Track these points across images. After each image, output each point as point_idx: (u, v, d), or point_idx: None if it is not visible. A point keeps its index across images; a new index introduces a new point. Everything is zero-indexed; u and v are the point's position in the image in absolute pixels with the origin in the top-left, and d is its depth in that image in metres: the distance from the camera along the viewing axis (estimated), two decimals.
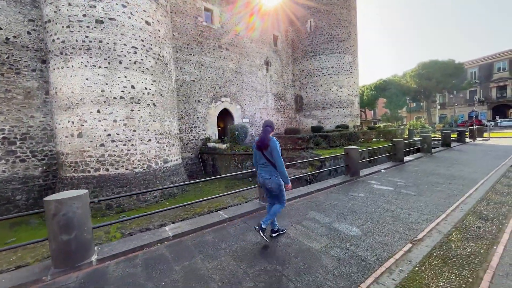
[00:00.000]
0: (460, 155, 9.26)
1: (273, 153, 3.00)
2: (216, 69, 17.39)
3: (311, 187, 5.38)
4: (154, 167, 10.58)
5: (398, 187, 5.34)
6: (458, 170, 6.63)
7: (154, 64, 10.67)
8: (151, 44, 10.56)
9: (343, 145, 11.99)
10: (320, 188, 5.33)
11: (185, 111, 15.75)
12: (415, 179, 5.88)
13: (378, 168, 6.98)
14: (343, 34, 21.80)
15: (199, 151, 16.20)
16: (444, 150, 10.54)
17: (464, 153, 9.77)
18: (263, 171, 3.15)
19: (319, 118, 22.50)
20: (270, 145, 3.01)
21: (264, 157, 3.11)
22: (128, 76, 9.70)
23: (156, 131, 10.69)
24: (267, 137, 3.06)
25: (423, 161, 8.27)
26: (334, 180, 5.86)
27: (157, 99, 10.80)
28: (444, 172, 6.51)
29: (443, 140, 10.95)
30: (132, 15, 9.82)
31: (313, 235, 3.33)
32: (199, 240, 3.39)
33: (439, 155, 9.34)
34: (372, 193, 5.02)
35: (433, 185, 5.37)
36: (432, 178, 5.95)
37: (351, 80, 22.39)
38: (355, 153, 5.90)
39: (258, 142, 3.14)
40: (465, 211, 3.88)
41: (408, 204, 4.33)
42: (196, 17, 16.27)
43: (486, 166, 7.09)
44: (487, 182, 5.43)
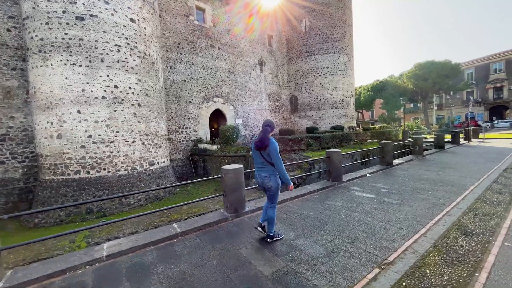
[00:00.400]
0: (452, 158, 8.93)
1: (272, 154, 2.95)
2: (208, 69, 17.06)
3: (285, 194, 4.98)
4: (139, 169, 10.21)
5: (380, 194, 4.96)
6: (448, 175, 6.28)
7: (139, 63, 10.32)
8: (136, 42, 10.21)
9: (335, 146, 11.68)
10: (296, 195, 4.92)
11: (176, 111, 15.39)
12: (400, 185, 5.52)
13: (364, 172, 6.62)
14: (338, 34, 21.55)
15: (190, 153, 15.83)
16: (436, 153, 10.23)
17: (457, 156, 9.42)
18: (262, 171, 3.11)
19: (314, 119, 22.20)
20: (269, 146, 2.96)
21: (262, 157, 3.06)
22: (110, 75, 9.34)
23: (141, 132, 10.33)
24: (266, 137, 3.00)
25: (413, 164, 7.93)
26: (313, 186, 5.50)
27: (143, 99, 10.44)
28: (433, 177, 6.15)
29: (436, 142, 10.62)
30: (116, 12, 9.48)
31: (268, 256, 2.87)
32: (136, 261, 2.91)
33: (431, 158, 9.03)
34: (350, 202, 4.62)
35: (419, 192, 5.00)
36: (419, 183, 5.59)
37: (347, 80, 22.14)
38: (337, 156, 5.52)
39: (257, 142, 3.06)
40: (448, 225, 3.49)
41: (387, 215, 3.94)
42: (188, 16, 15.95)
43: (478, 170, 6.75)
44: (477, 189, 5.08)
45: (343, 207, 4.36)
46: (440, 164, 7.83)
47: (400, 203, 4.44)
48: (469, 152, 10.34)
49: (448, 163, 7.86)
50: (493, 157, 8.76)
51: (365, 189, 5.35)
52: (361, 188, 5.40)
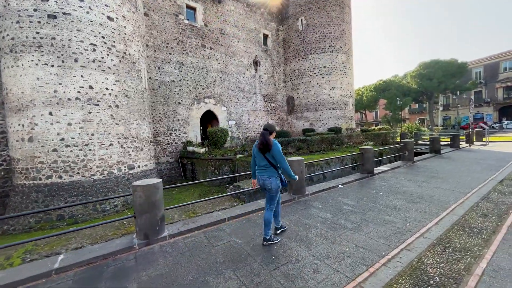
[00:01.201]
0: (445, 165, 8.02)
1: (276, 154, 3.07)
2: (199, 69, 16.62)
3: (227, 213, 4.21)
4: (117, 173, 9.79)
5: (339, 213, 4.13)
6: (432, 187, 5.42)
7: (117, 63, 9.92)
8: (115, 41, 9.81)
9: (325, 150, 11.01)
10: (240, 213, 4.05)
11: (164, 113, 14.99)
12: (369, 201, 4.65)
13: (336, 183, 5.80)
14: (336, 32, 20.82)
15: (179, 155, 15.40)
16: (430, 158, 9.35)
17: (452, 162, 8.51)
18: (264, 173, 3.17)
19: (311, 120, 21.50)
20: (273, 148, 3.06)
21: (265, 159, 3.13)
22: (85, 75, 8.96)
23: (119, 135, 9.91)
24: (266, 139, 3.08)
25: (397, 172, 7.03)
26: None
27: (121, 100, 10.03)
28: (413, 189, 5.29)
29: (431, 146, 9.75)
30: (91, 9, 9.10)
31: None
32: None
33: (421, 165, 8.11)
34: (297, 225, 3.77)
35: (387, 211, 4.13)
36: (393, 199, 4.72)
37: (345, 80, 21.36)
38: (299, 166, 4.65)
39: (260, 145, 3.15)
40: (402, 267, 2.59)
41: (330, 247, 3.09)
42: (177, 15, 15.56)
43: (470, 181, 5.86)
44: (460, 209, 4.18)
45: (283, 233, 3.53)
46: (429, 172, 6.92)
47: (356, 227, 3.59)
48: (467, 157, 9.40)
49: (438, 172, 6.97)
50: (492, 165, 7.79)
51: (326, 205, 4.51)
52: (322, 205, 4.57)
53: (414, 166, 7.94)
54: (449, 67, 32.08)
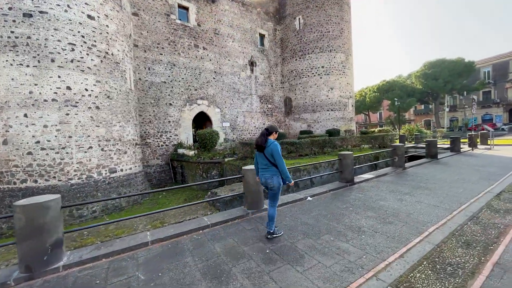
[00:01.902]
0: (438, 172, 7.05)
1: (274, 154, 3.17)
2: (191, 69, 16.26)
3: (179, 227, 3.63)
4: (96, 177, 9.43)
5: (289, 237, 3.26)
6: (414, 202, 4.52)
7: (98, 63, 9.60)
8: (95, 40, 9.50)
9: (316, 153, 10.39)
10: (178, 232, 3.38)
11: (154, 114, 14.65)
12: (332, 219, 3.80)
13: (306, 194, 4.92)
14: (335, 31, 20.19)
15: (170, 158, 15.02)
16: (424, 164, 8.41)
17: (447, 169, 7.54)
18: (266, 172, 3.29)
19: (308, 122, 20.87)
20: (270, 147, 3.19)
21: (266, 159, 3.26)
22: (62, 76, 8.65)
23: (100, 137, 9.57)
24: (262, 139, 3.25)
25: (382, 181, 6.15)
26: (214, 218, 3.89)
27: (102, 101, 9.70)
28: (391, 204, 4.41)
29: (427, 151, 8.95)
30: (70, 8, 8.81)
31: None
32: None
33: (412, 172, 7.17)
34: (228, 253, 2.92)
35: (347, 235, 3.26)
36: (361, 217, 3.84)
37: (344, 80, 20.67)
38: (253, 176, 3.84)
39: (255, 144, 3.34)
40: None
41: None
42: (169, 14, 15.26)
43: (461, 193, 4.94)
44: (438, 233, 3.22)
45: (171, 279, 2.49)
46: (417, 181, 6.03)
47: (297, 259, 2.69)
48: (466, 163, 8.45)
49: (428, 181, 6.09)
50: (492, 173, 6.78)
51: (279, 225, 3.60)
52: (276, 224, 3.49)
53: (404, 173, 7.02)
54: (455, 67, 30.93)
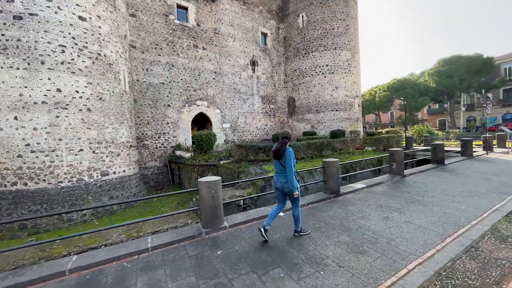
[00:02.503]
0: (441, 182, 6.11)
1: (286, 161, 3.30)
2: (190, 70, 16.04)
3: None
4: (87, 180, 9.31)
5: (223, 274, 2.59)
6: (402, 221, 3.72)
7: (90, 64, 9.49)
8: (87, 42, 9.40)
9: (313, 157, 9.79)
10: (108, 258, 2.91)
11: (152, 116, 14.53)
12: (294, 245, 3.15)
13: (265, 212, 4.12)
14: (340, 28, 19.38)
15: (168, 160, 14.86)
16: (428, 171, 7.42)
17: (452, 178, 6.48)
18: (281, 177, 3.41)
19: (312, 123, 20.17)
20: (284, 155, 3.30)
21: (280, 164, 3.38)
22: (52, 78, 8.58)
23: (91, 140, 9.45)
24: (283, 148, 3.34)
25: (373, 192, 5.36)
26: (159, 238, 3.39)
27: (94, 103, 9.59)
28: (373, 225, 3.63)
29: (433, 155, 8.02)
30: (60, 9, 8.73)
31: None
32: None
33: (411, 181, 6.27)
34: None
35: (302, 268, 2.61)
36: (331, 243, 3.13)
37: (350, 79, 19.81)
38: (210, 189, 3.39)
39: (274, 152, 3.42)
40: None
41: None
42: (167, 15, 15.11)
43: (463, 211, 4.05)
44: (419, 272, 2.47)
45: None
46: (413, 194, 5.13)
47: None
48: (477, 170, 7.32)
49: (426, 192, 5.19)
50: (506, 183, 5.69)
51: (227, 251, 3.06)
52: (222, 250, 3.10)
53: (401, 182, 6.12)
54: (472, 63, 29.08)
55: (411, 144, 13.33)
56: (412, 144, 13.27)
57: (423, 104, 32.04)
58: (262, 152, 9.75)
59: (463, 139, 9.24)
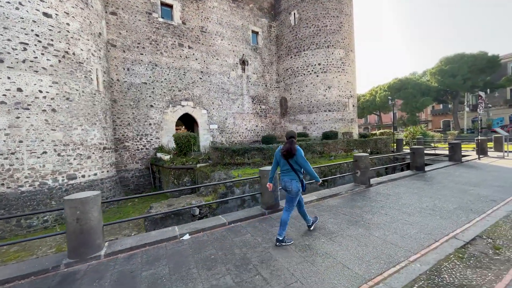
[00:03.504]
0: (408, 194, 5.18)
1: (300, 160, 3.30)
2: (175, 69, 15.57)
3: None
4: (51, 184, 8.88)
5: None
6: (322, 254, 2.86)
7: (56, 63, 9.07)
8: (52, 39, 8.99)
9: None
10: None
11: (133, 116, 14.09)
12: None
13: (184, 231, 3.53)
14: (333, 25, 18.64)
15: (150, 162, 14.39)
16: (401, 179, 6.50)
17: (424, 188, 5.60)
18: (286, 176, 3.42)
19: (304, 124, 19.45)
20: (296, 154, 3.30)
21: (288, 164, 3.39)
22: (13, 77, 8.18)
23: (56, 142, 9.02)
24: (293, 147, 3.31)
25: (320, 206, 4.61)
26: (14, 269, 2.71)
27: (60, 103, 9.16)
28: (282, 261, 2.74)
29: (412, 160, 7.17)
30: (22, 5, 8.33)
31: None
32: None
33: (374, 192, 5.36)
34: None
35: None
36: (206, 285, 2.34)
37: (343, 78, 19.03)
38: (74, 210, 2.71)
39: (284, 152, 3.37)
40: None
41: None
42: (150, 13, 14.68)
43: (412, 237, 3.21)
44: None
45: None
46: (367, 209, 4.30)
47: None
48: (457, 179, 6.33)
49: (382, 208, 4.31)
50: (483, 197, 4.79)
51: None
52: None
53: (362, 194, 5.25)
54: (476, 62, 27.84)
55: (402, 146, 12.46)
56: (402, 146, 12.41)
57: (425, 105, 30.88)
58: (237, 155, 9.13)
59: (451, 142, 8.36)
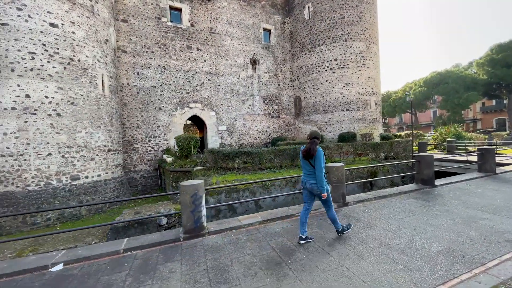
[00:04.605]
0: (389, 221, 3.82)
1: (316, 161, 3.28)
2: (183, 72, 15.71)
3: None
4: (55, 184, 9.40)
5: None
6: None
7: (61, 70, 9.62)
8: (58, 47, 9.55)
9: (282, 167, 8.19)
10: None
11: (142, 119, 14.52)
12: None
13: (56, 259, 2.89)
14: (351, 16, 16.99)
15: (158, 164, 14.68)
16: (397, 196, 5.08)
17: (418, 213, 4.10)
18: (311, 178, 3.39)
19: (319, 124, 18.08)
20: (315, 155, 3.27)
21: (310, 165, 3.36)
22: (22, 84, 8.85)
23: (60, 144, 9.54)
24: (313, 148, 3.30)
25: (251, 233, 3.60)
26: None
27: (65, 108, 9.68)
28: None
29: (417, 171, 5.43)
30: (31, 18, 8.99)
31: None
32: None
33: (347, 214, 4.17)
34: None
35: None
36: None
37: (364, 74, 17.19)
38: None
39: (304, 152, 3.38)
40: None
41: None
42: (159, 17, 15.02)
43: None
44: None
45: None
46: (312, 243, 3.25)
47: None
48: (473, 199, 4.60)
49: (334, 243, 3.23)
50: (500, 232, 3.25)
51: None
52: None
53: (323, 217, 3.97)
54: None
55: (425, 151, 10.43)
56: (426, 151, 10.39)
57: (470, 101, 26.55)
58: (227, 159, 8.58)
59: (480, 147, 6.43)
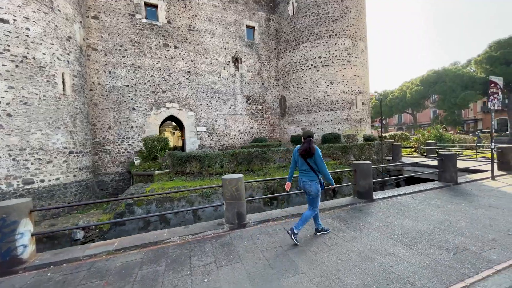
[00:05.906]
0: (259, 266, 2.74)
1: (317, 160, 3.31)
2: (159, 71, 15.15)
3: None
4: (5, 189, 8.89)
5: None
6: None
7: (13, 68, 9.11)
8: (9, 44, 9.03)
9: (239, 172, 7.56)
10: None
11: (115, 120, 13.99)
12: None
13: None
14: (336, 11, 16.23)
15: (130, 166, 14.13)
16: (328, 211, 4.34)
17: (337, 240, 3.24)
18: (305, 177, 3.40)
19: (303, 125, 17.35)
20: (315, 154, 3.29)
21: (307, 164, 3.37)
22: None
23: (11, 146, 9.03)
24: (312, 146, 3.31)
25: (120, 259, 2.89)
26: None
27: (16, 108, 9.17)
28: None
29: (354, 183, 4.39)
30: None
31: None
32: None
33: (229, 242, 3.33)
34: None
35: None
36: None
37: (349, 72, 16.41)
38: None
39: (302, 151, 3.35)
40: None
41: None
42: (133, 14, 14.49)
43: None
44: None
45: None
46: None
47: None
48: (401, 222, 3.78)
49: None
50: (397, 278, 2.31)
51: None
52: None
53: (210, 241, 3.32)
54: None
55: (399, 154, 9.61)
56: (400, 154, 9.58)
57: (467, 100, 25.46)
58: (181, 163, 7.95)
59: (440, 153, 5.58)
